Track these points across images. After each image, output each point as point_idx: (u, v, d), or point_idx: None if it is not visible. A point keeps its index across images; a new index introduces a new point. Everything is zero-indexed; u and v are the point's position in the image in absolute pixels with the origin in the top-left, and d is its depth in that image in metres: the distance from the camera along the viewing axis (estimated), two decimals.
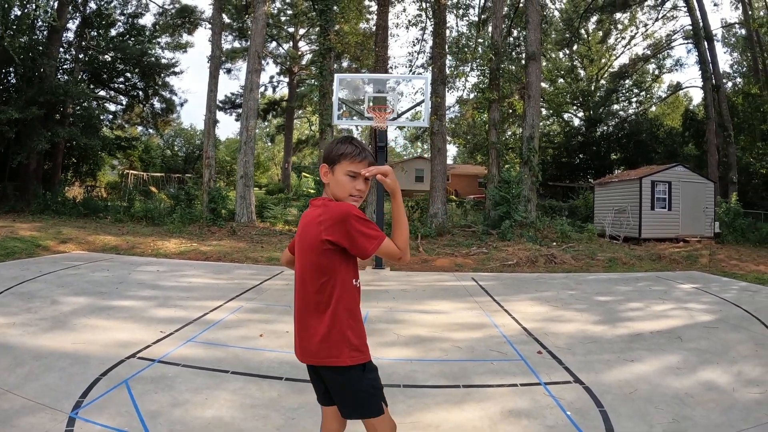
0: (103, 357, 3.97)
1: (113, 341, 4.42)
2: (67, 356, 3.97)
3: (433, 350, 4.58)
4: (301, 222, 1.96)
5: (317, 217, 1.84)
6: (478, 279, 9.04)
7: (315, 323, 1.88)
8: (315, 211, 1.90)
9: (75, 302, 5.94)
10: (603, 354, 4.47)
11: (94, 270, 8.43)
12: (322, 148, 16.30)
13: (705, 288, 8.31)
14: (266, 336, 4.81)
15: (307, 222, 1.90)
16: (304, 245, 1.88)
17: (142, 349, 4.21)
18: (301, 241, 1.92)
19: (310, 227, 1.87)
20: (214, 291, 7.04)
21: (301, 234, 1.92)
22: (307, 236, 1.87)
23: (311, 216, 1.89)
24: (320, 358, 1.88)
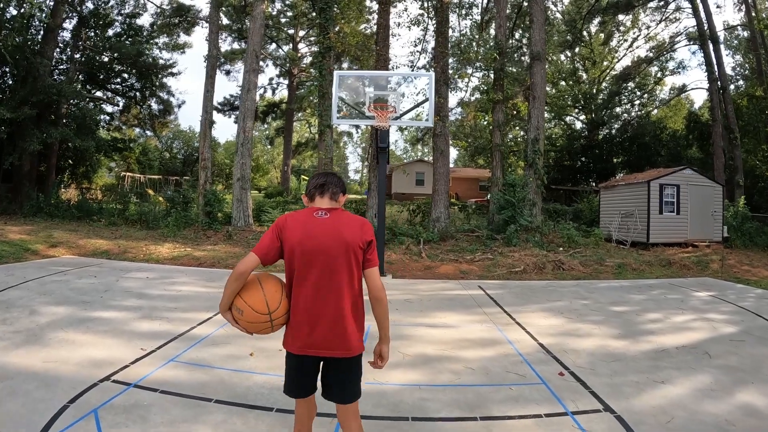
0: (74, 379, 3.55)
1: (88, 360, 4.00)
2: (36, 377, 3.56)
3: (443, 372, 4.14)
4: (322, 225, 2.17)
5: (356, 221, 2.23)
6: (485, 287, 8.61)
7: (348, 318, 2.14)
8: (346, 215, 2.25)
9: (54, 313, 5.51)
10: (629, 374, 4.14)
11: (80, 276, 8.01)
12: (321, 150, 15.85)
13: (721, 296, 8.05)
14: (257, 355, 4.38)
15: (341, 225, 2.18)
16: (343, 244, 2.14)
17: (118, 371, 3.79)
18: (337, 239, 2.14)
19: (351, 228, 2.18)
20: (204, 301, 6.59)
21: (334, 234, 2.15)
22: (350, 235, 2.16)
23: (345, 220, 2.21)
24: (351, 350, 2.16)
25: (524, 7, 21.47)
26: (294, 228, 2.17)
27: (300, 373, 2.20)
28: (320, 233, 2.15)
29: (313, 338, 2.11)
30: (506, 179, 15.26)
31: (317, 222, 2.18)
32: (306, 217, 2.21)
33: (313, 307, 2.12)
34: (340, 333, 2.13)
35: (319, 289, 2.12)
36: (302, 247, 2.13)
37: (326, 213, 2.22)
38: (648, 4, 30.53)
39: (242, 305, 2.15)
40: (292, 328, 2.18)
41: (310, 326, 2.11)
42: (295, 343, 2.15)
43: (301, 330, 2.13)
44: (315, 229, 2.16)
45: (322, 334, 2.11)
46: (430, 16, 18.39)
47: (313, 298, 2.12)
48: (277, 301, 2.17)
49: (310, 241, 2.13)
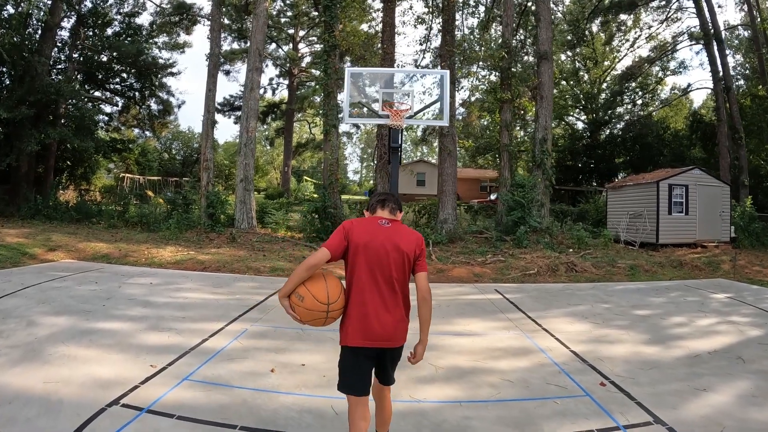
0: (79, 404, 3.21)
1: (93, 379, 3.65)
2: (37, 401, 3.22)
3: (481, 386, 3.88)
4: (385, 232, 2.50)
5: (413, 234, 2.59)
6: (503, 291, 8.35)
7: (402, 312, 2.46)
8: (404, 227, 2.62)
9: (54, 324, 5.18)
10: (670, 383, 4.03)
11: (81, 282, 7.67)
12: (327, 150, 15.52)
13: (739, 297, 8.03)
14: (279, 371, 4.05)
15: (401, 235, 2.53)
16: (399, 252, 2.46)
17: (127, 392, 3.43)
18: (395, 246, 2.46)
19: (407, 238, 2.53)
20: (214, 309, 6.25)
21: (393, 241, 2.47)
22: (405, 244, 2.49)
23: (404, 231, 2.57)
24: (403, 340, 2.48)
25: (528, 7, 21.22)
26: (361, 231, 2.48)
27: (362, 367, 2.42)
28: (384, 238, 2.47)
29: (376, 331, 2.36)
30: (515, 180, 14.98)
31: (381, 229, 2.51)
32: (371, 223, 2.55)
33: (374, 300, 2.39)
34: (398, 325, 2.43)
35: (378, 286, 2.40)
36: (367, 248, 2.43)
37: (388, 222, 2.57)
38: (651, 3, 30.31)
39: (304, 292, 2.36)
40: (355, 320, 2.40)
41: (373, 318, 2.37)
42: (357, 335, 2.37)
43: (364, 322, 2.36)
44: (379, 233, 2.48)
45: (383, 326, 2.37)
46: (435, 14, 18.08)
47: (374, 293, 2.40)
48: (337, 294, 2.41)
49: (375, 241, 2.44)
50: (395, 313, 2.41)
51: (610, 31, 33.84)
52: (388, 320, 2.39)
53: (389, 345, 2.41)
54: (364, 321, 2.37)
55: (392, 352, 2.49)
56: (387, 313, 2.39)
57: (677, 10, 30.07)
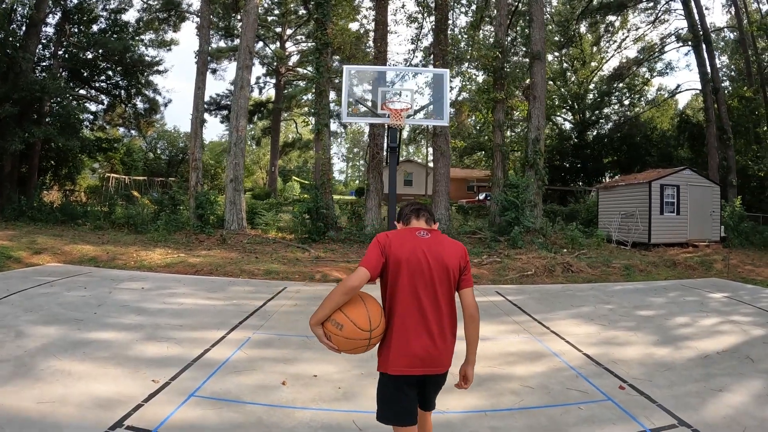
0: (79, 426, 2.97)
1: (91, 398, 3.41)
2: (32, 426, 2.96)
3: (503, 394, 3.80)
4: (426, 244, 2.24)
5: (456, 244, 2.34)
6: (503, 293, 8.28)
7: (449, 333, 2.23)
8: (445, 237, 2.36)
9: (44, 335, 4.91)
10: (687, 384, 4.08)
11: (69, 288, 7.38)
12: (318, 150, 15.31)
13: (736, 297, 8.17)
14: (290, 383, 3.85)
15: (444, 246, 2.28)
16: (443, 266, 2.22)
17: (130, 413, 3.19)
18: (438, 260, 2.21)
19: (451, 250, 2.28)
20: (211, 316, 6.02)
21: (436, 254, 2.22)
22: (449, 258, 2.24)
23: (445, 241, 2.32)
24: (449, 364, 2.24)
25: (518, 7, 21.20)
26: (399, 244, 2.22)
27: (406, 396, 2.17)
28: (425, 250, 2.22)
29: (420, 356, 2.13)
30: (509, 180, 14.92)
31: (421, 240, 2.26)
32: (409, 234, 2.29)
33: (417, 322, 2.15)
34: (444, 348, 2.19)
35: (422, 305, 2.16)
36: (408, 263, 2.18)
37: (427, 233, 2.31)
38: (639, 4, 30.53)
39: (342, 319, 2.10)
40: (397, 345, 2.15)
41: (415, 342, 2.13)
42: (399, 361, 2.13)
43: (407, 347, 2.13)
44: (420, 246, 2.23)
45: (428, 350, 2.14)
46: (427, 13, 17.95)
47: (417, 314, 2.16)
48: (378, 318, 2.16)
49: (416, 255, 2.20)
50: (441, 335, 2.18)
51: (598, 33, 34.04)
52: (434, 344, 2.15)
53: (434, 372, 2.18)
54: (406, 346, 2.13)
55: (437, 378, 2.26)
56: (432, 336, 2.15)
57: (665, 12, 30.38)
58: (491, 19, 20.68)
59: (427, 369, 2.15)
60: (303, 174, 51.04)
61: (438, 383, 2.29)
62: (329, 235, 14.25)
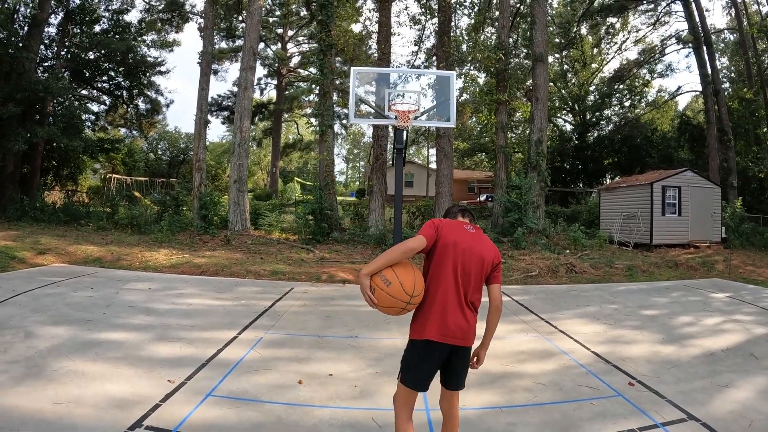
0: (96, 427, 2.97)
1: (107, 398, 3.42)
2: (48, 427, 2.95)
3: (516, 391, 3.87)
4: (471, 237, 2.54)
5: (493, 245, 2.62)
6: (509, 293, 8.32)
7: (475, 317, 2.49)
8: (486, 236, 2.64)
9: (54, 335, 4.91)
10: (694, 381, 4.20)
11: (76, 288, 7.38)
12: (323, 151, 15.32)
13: (738, 297, 8.29)
14: (307, 382, 3.87)
15: (486, 242, 2.58)
16: (481, 259, 2.50)
17: (148, 413, 3.19)
18: (478, 253, 2.49)
19: (489, 248, 2.56)
20: (221, 316, 6.04)
21: (477, 248, 2.51)
22: (487, 254, 2.53)
23: (487, 239, 2.62)
24: (474, 340, 2.49)
25: (520, 9, 21.23)
26: (450, 230, 2.51)
27: (431, 362, 2.41)
28: (471, 242, 2.50)
29: (452, 328, 2.37)
30: (512, 181, 14.94)
31: (468, 232, 2.56)
32: (459, 225, 2.58)
33: (453, 299, 2.40)
34: (471, 325, 2.45)
35: (460, 285, 2.42)
36: (456, 247, 2.45)
37: (473, 229, 2.61)
38: (639, 6, 30.59)
39: (392, 277, 2.31)
40: (435, 315, 2.39)
41: (450, 316, 2.38)
42: (434, 329, 2.37)
43: (443, 318, 2.37)
44: (466, 236, 2.52)
45: (459, 325, 2.39)
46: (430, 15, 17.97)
47: (454, 292, 2.41)
48: (421, 288, 2.40)
49: (462, 243, 2.47)
50: (469, 314, 2.44)
51: (599, 34, 34.09)
52: (463, 320, 2.41)
53: (463, 343, 2.43)
54: (443, 317, 2.37)
55: (463, 352, 2.48)
56: (462, 313, 2.41)
57: (665, 14, 30.44)
58: (493, 21, 20.71)
59: (457, 341, 2.39)
60: (304, 175, 51.04)
61: (465, 358, 2.51)
62: (333, 236, 14.26)
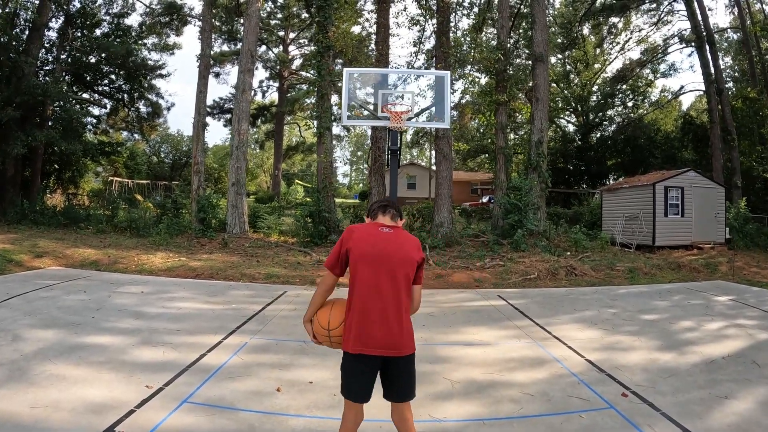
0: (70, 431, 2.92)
1: (84, 403, 3.37)
2: (24, 430, 2.93)
3: (501, 402, 3.71)
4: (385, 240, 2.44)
5: (414, 240, 2.54)
6: (506, 297, 8.16)
7: (407, 320, 2.37)
8: (405, 234, 2.55)
9: (41, 338, 4.88)
10: (691, 391, 3.99)
11: (69, 291, 7.35)
12: (321, 153, 15.27)
13: (741, 300, 8.07)
14: (285, 390, 3.78)
15: (403, 241, 2.47)
16: (400, 259, 2.41)
17: (122, 418, 3.15)
18: (393, 255, 2.40)
19: (407, 248, 2.45)
20: (209, 320, 5.97)
21: (392, 249, 2.41)
22: (404, 254, 2.42)
23: (405, 237, 2.51)
24: (410, 348, 2.37)
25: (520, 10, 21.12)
26: (361, 237, 2.44)
27: (363, 375, 2.34)
28: (384, 243, 2.42)
29: (379, 338, 2.28)
30: (512, 182, 14.83)
31: (382, 234, 2.47)
32: (372, 229, 2.50)
33: (376, 307, 2.32)
34: (401, 332, 2.34)
35: (381, 292, 2.33)
36: (366, 257, 2.37)
37: (390, 229, 2.52)
38: (641, 6, 30.44)
39: (315, 318, 2.53)
40: (356, 326, 2.32)
41: (375, 325, 2.29)
42: (357, 341, 2.30)
43: (366, 329, 2.29)
44: (379, 239, 2.43)
45: (386, 333, 2.30)
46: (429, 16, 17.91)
47: (377, 300, 2.32)
48: (337, 322, 2.44)
49: (374, 250, 2.39)
50: (399, 319, 2.34)
51: (601, 34, 33.93)
52: (392, 327, 2.32)
53: (393, 353, 2.32)
54: (365, 327, 2.30)
55: (398, 361, 2.35)
56: (390, 320, 2.32)
57: (668, 13, 30.28)
58: (493, 22, 20.62)
59: (386, 351, 2.29)
60: (307, 177, 51.04)
61: (402, 367, 2.37)
62: (331, 238, 14.19)
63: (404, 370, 2.38)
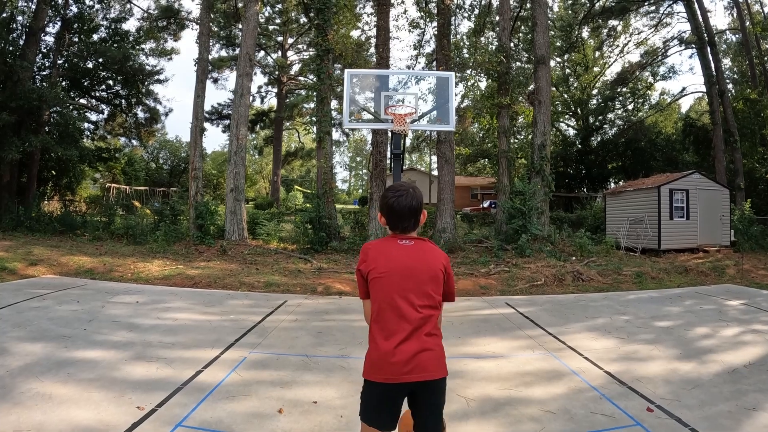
0: None
1: (71, 426, 3.10)
2: None
3: (522, 421, 3.44)
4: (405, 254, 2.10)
5: (439, 253, 2.19)
6: (514, 304, 7.90)
7: (439, 342, 2.09)
8: (428, 244, 2.19)
9: (29, 353, 4.61)
10: (718, 403, 3.78)
11: (61, 301, 7.08)
12: (320, 158, 15.03)
13: (753, 304, 7.91)
14: (287, 411, 3.50)
15: (426, 252, 2.14)
16: (426, 276, 2.08)
17: None
18: (417, 269, 2.07)
19: (431, 258, 2.12)
20: (206, 333, 5.69)
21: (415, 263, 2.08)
22: (429, 265, 2.10)
23: (428, 248, 2.17)
24: (442, 372, 2.05)
25: (521, 13, 20.99)
26: (378, 258, 2.10)
27: (385, 405, 2.04)
28: (404, 259, 2.09)
29: (403, 362, 1.98)
30: (515, 187, 14.60)
31: (401, 248, 2.13)
32: (390, 244, 2.15)
33: (400, 329, 2.01)
34: (431, 354, 2.03)
35: (405, 312, 2.02)
36: (386, 278, 2.06)
37: (410, 240, 2.16)
38: (641, 8, 30.36)
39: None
40: (378, 352, 2.02)
41: (399, 350, 1.98)
42: (379, 369, 2.00)
43: (389, 354, 1.98)
44: (398, 255, 2.10)
45: (412, 357, 1.99)
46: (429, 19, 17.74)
47: (400, 320, 2.02)
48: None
49: (393, 267, 2.07)
50: (427, 340, 2.02)
51: (601, 37, 33.86)
52: (417, 349, 1.99)
53: (420, 378, 1.98)
54: (388, 353, 1.99)
55: (427, 386, 2.02)
56: (416, 342, 2.00)
57: (667, 15, 30.22)
58: (494, 25, 20.48)
59: (412, 376, 1.98)
60: (306, 183, 50.90)
61: (431, 393, 2.04)
62: (332, 245, 13.93)
63: (436, 396, 2.07)
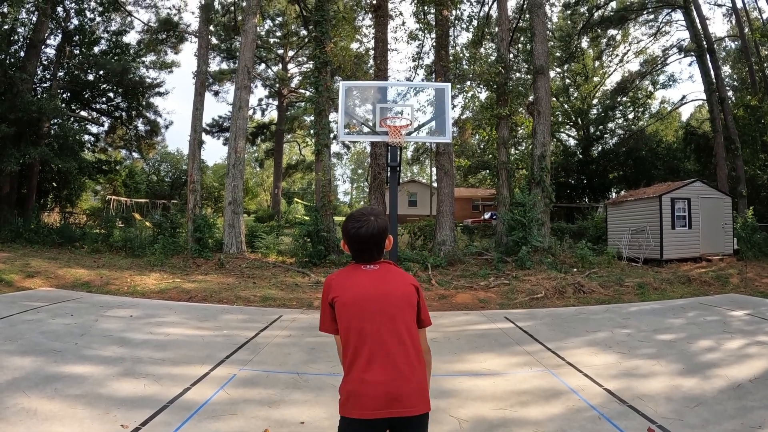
0: None
1: None
2: None
3: None
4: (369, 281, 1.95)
5: (407, 277, 2.03)
6: (513, 318, 7.77)
7: (417, 369, 1.90)
8: (393, 268, 2.03)
9: (18, 367, 4.54)
10: (722, 422, 3.62)
11: (55, 315, 7.00)
12: (319, 171, 14.99)
13: (758, 314, 7.75)
14: (273, 431, 3.40)
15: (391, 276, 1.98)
16: (397, 297, 1.94)
17: None
18: (383, 297, 1.92)
19: (398, 284, 1.97)
20: (197, 348, 5.59)
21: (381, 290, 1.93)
22: (397, 292, 1.95)
23: (393, 271, 2.00)
24: (422, 407, 1.88)
25: (520, 24, 21.04)
26: (342, 287, 1.95)
27: None
28: (367, 287, 1.94)
29: (380, 396, 1.82)
30: (515, 198, 14.50)
31: (365, 274, 1.98)
32: (354, 271, 2.00)
33: (375, 359, 1.86)
34: (411, 386, 1.87)
35: (378, 341, 1.88)
36: (352, 307, 1.92)
37: (375, 265, 2.02)
38: (639, 17, 30.50)
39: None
40: (353, 385, 1.86)
41: (377, 383, 1.83)
42: (356, 404, 1.84)
43: (365, 387, 1.83)
44: (362, 281, 1.96)
45: (391, 389, 1.83)
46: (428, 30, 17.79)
47: (373, 351, 1.87)
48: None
49: (358, 296, 1.93)
50: (405, 371, 1.86)
51: (600, 47, 33.96)
52: (397, 379, 1.84)
53: (399, 414, 1.82)
54: (363, 385, 1.84)
55: (410, 423, 1.86)
56: (395, 371, 1.85)
57: (666, 24, 30.32)
58: (493, 36, 20.53)
59: (391, 411, 1.82)
60: (307, 196, 50.89)
61: (412, 430, 1.88)
62: (330, 258, 13.81)
63: (422, 427, 1.92)
